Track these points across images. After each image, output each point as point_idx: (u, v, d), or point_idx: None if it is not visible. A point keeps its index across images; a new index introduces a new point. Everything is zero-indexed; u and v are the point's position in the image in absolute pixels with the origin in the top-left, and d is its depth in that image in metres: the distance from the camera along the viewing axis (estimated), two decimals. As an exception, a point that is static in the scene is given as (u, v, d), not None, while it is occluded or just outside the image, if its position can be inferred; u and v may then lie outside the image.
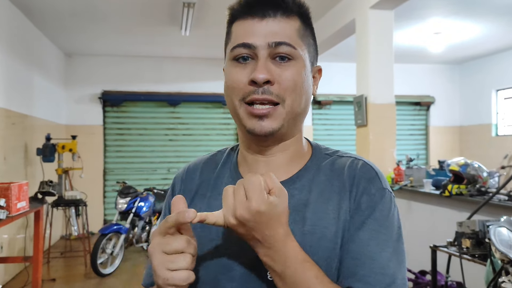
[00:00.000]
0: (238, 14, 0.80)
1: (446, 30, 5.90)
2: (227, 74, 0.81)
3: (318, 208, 0.78)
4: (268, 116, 0.77)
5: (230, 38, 0.81)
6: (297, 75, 0.78)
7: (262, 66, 0.75)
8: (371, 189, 0.78)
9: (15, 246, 4.80)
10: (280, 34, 0.77)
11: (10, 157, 4.65)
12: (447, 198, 3.31)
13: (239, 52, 0.77)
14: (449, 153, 7.87)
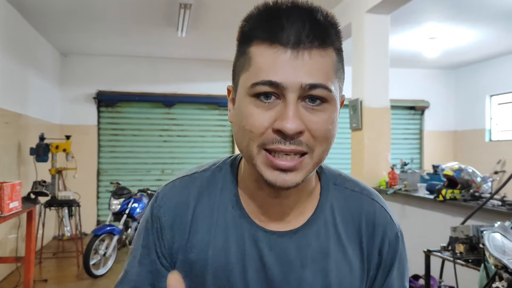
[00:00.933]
0: (260, 34, 0.64)
1: (442, 35, 5.93)
2: (242, 108, 0.66)
3: (339, 258, 0.74)
4: (294, 170, 0.65)
5: (249, 65, 0.65)
6: (330, 122, 0.67)
7: (294, 114, 0.62)
8: (390, 236, 0.78)
9: (7, 246, 4.76)
10: (316, 73, 0.63)
11: (3, 156, 4.61)
12: (441, 202, 3.32)
13: (262, 90, 0.63)
14: (443, 158, 7.91)
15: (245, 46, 0.67)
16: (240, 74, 0.67)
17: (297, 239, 0.73)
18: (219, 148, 7.73)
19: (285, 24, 0.62)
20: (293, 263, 0.72)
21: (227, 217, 0.74)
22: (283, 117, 0.62)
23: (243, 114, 0.66)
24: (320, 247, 0.73)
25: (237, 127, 0.68)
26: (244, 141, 0.67)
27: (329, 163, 0.86)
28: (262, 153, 0.65)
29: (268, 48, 0.63)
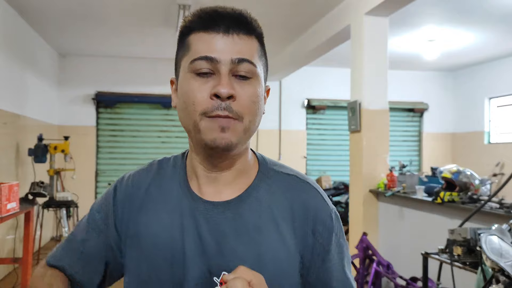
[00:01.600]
0: (197, 26, 0.79)
1: (440, 38, 5.94)
2: (184, 87, 0.78)
3: (272, 234, 0.80)
4: (230, 128, 0.77)
5: (188, 50, 0.79)
6: (255, 94, 0.79)
7: (226, 80, 0.76)
8: (324, 217, 0.84)
9: (4, 247, 4.75)
10: (243, 52, 0.78)
11: (1, 157, 4.61)
12: (439, 205, 3.31)
13: (200, 66, 0.76)
14: (441, 160, 7.91)
15: (184, 38, 0.81)
16: (181, 61, 0.81)
17: (231, 211, 0.81)
18: (217, 150, 7.73)
19: (217, 17, 0.78)
20: (227, 234, 0.80)
21: (173, 195, 0.84)
22: (218, 84, 0.75)
23: (185, 90, 0.78)
24: (253, 221, 0.81)
25: (181, 105, 0.80)
26: (188, 114, 0.78)
27: (327, 164, 0.89)
28: (205, 119, 0.76)
29: (205, 35, 0.77)
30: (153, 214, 0.84)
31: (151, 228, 0.82)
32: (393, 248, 4.07)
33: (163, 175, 0.88)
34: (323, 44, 5.36)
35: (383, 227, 4.25)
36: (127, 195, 0.87)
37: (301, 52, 6.06)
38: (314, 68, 7.60)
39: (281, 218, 0.82)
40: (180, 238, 0.81)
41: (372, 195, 4.27)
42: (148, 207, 0.85)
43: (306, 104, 7.98)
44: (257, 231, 0.80)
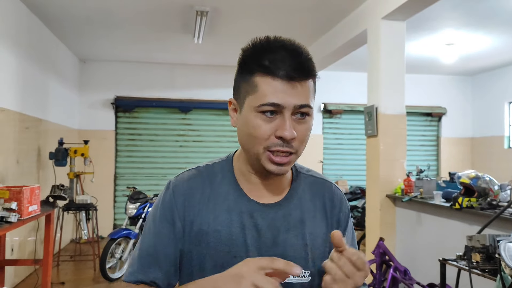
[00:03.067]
0: (265, 70, 0.89)
1: (459, 42, 5.88)
2: (251, 121, 0.91)
3: (312, 225, 1.02)
4: (286, 163, 0.93)
5: (255, 91, 0.90)
6: (309, 128, 0.94)
7: (290, 125, 0.89)
8: (344, 209, 1.09)
9: (26, 248, 4.85)
10: (303, 97, 0.90)
11: (23, 160, 4.71)
12: (457, 211, 3.28)
13: (267, 109, 0.89)
14: (460, 165, 7.81)
15: (248, 74, 0.92)
16: (247, 96, 0.92)
17: (282, 210, 0.99)
18: (234, 154, 7.76)
19: (282, 64, 0.88)
20: (280, 228, 0.97)
21: (229, 197, 0.98)
22: (283, 128, 0.89)
23: (251, 124, 0.91)
24: (298, 216, 1.00)
25: (244, 133, 0.94)
26: (251, 144, 0.92)
27: (344, 168, 0.98)
28: (266, 153, 0.91)
29: (271, 80, 0.88)
30: (212, 213, 0.96)
31: (212, 226, 0.95)
32: (410, 254, 4.04)
33: (214, 179, 1.00)
34: (340, 48, 5.36)
35: (400, 233, 4.22)
36: (186, 198, 0.98)
37: (317, 56, 6.07)
38: (331, 73, 7.59)
39: (317, 212, 1.04)
40: (241, 233, 0.95)
41: (389, 200, 4.25)
42: (207, 208, 0.97)
43: (322, 109, 7.97)
44: (302, 223, 1.00)
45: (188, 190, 0.98)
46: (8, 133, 4.34)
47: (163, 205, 0.99)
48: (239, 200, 0.98)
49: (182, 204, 0.97)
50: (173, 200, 0.98)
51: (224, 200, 0.98)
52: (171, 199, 0.98)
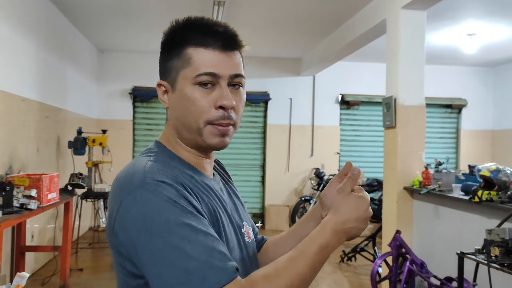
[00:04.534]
0: (195, 41, 0.90)
1: (480, 32, 5.75)
2: (188, 95, 0.90)
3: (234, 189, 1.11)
4: (229, 135, 0.94)
5: (189, 63, 0.89)
6: (244, 100, 0.96)
7: (228, 94, 0.90)
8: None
9: (46, 235, 4.95)
10: (237, 67, 0.92)
11: (43, 149, 4.79)
12: (476, 204, 3.23)
13: (205, 79, 0.89)
14: (480, 158, 7.67)
15: (179, 49, 0.91)
16: (180, 71, 0.91)
17: (219, 183, 1.03)
18: (250, 144, 7.77)
19: (214, 35, 0.90)
20: (229, 195, 1.03)
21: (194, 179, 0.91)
22: (222, 97, 0.89)
23: (190, 99, 0.90)
24: (226, 185, 1.06)
25: (183, 110, 0.91)
26: (191, 120, 0.90)
27: (361, 160, 0.95)
28: (208, 127, 0.91)
29: (206, 50, 0.89)
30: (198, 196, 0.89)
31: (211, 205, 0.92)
32: (427, 247, 4.00)
33: (172, 168, 0.88)
34: (358, 38, 5.29)
35: (417, 226, 4.17)
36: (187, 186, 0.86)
37: (335, 47, 6.01)
38: (349, 63, 7.51)
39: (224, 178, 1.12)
40: (223, 205, 0.96)
41: (407, 193, 4.20)
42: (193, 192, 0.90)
43: (340, 100, 7.90)
44: (232, 189, 1.09)
45: (175, 178, 0.85)
46: (28, 122, 4.41)
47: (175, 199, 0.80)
48: (202, 179, 0.94)
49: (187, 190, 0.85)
50: (180, 188, 0.83)
51: (195, 182, 0.91)
52: (180, 186, 0.83)
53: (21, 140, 4.21)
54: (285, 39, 6.42)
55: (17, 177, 3.42)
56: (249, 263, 0.97)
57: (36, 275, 4.53)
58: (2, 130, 3.82)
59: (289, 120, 7.77)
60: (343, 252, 5.40)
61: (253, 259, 1.01)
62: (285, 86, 7.75)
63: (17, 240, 4.06)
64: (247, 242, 1.00)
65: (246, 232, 1.01)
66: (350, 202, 0.88)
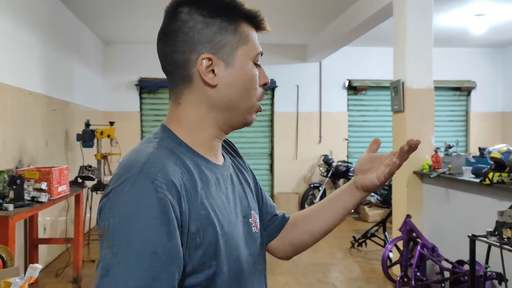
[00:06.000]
0: (252, 22, 0.91)
1: (489, 12, 5.65)
2: (252, 74, 0.90)
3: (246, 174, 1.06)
4: None
5: (246, 40, 0.89)
6: None
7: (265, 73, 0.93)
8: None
9: (57, 228, 5.00)
10: None
11: (51, 142, 4.82)
12: (487, 186, 3.20)
13: (259, 59, 0.91)
14: (490, 140, 7.58)
15: (232, 24, 0.87)
16: (237, 47, 0.88)
17: (229, 168, 0.97)
18: (258, 133, 7.76)
19: (256, 14, 0.90)
20: (237, 182, 0.97)
21: (200, 168, 0.86)
22: (265, 75, 0.92)
23: (251, 76, 0.89)
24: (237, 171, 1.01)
25: (239, 88, 0.88)
26: (246, 98, 0.89)
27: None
28: (257, 104, 0.92)
29: (253, 30, 0.91)
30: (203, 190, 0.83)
31: (212, 203, 0.83)
32: (438, 231, 3.98)
33: (178, 157, 0.83)
34: (364, 22, 5.23)
35: (427, 209, 4.15)
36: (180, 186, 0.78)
37: (341, 32, 5.94)
38: (355, 48, 7.43)
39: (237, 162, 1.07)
40: (228, 198, 0.90)
41: (416, 177, 4.17)
42: (197, 187, 0.82)
43: (347, 85, 7.84)
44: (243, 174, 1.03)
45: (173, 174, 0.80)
46: (36, 115, 4.43)
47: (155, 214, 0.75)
48: (212, 169, 0.88)
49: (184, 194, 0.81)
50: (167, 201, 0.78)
51: (201, 172, 0.86)
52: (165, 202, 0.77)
53: (30, 134, 4.24)
54: (290, 25, 6.36)
55: (27, 171, 3.45)
56: (256, 253, 0.95)
57: (49, 267, 4.59)
58: (11, 125, 3.84)
59: (296, 107, 7.74)
60: (353, 238, 5.39)
61: (260, 249, 0.98)
62: (292, 73, 7.70)
63: (29, 233, 4.11)
64: (254, 232, 0.96)
65: (254, 221, 0.97)
66: None
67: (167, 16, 0.88)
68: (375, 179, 0.96)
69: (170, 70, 0.89)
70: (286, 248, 1.09)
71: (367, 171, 0.98)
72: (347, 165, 7.32)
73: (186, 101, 0.88)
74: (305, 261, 4.78)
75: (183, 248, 0.76)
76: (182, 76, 0.87)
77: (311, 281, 4.25)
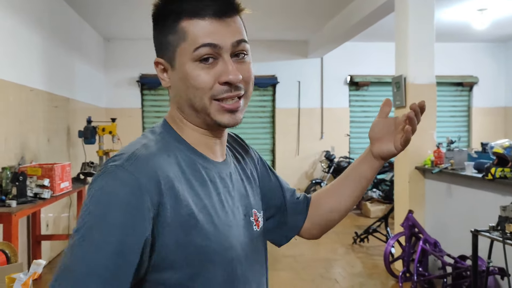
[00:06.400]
0: (190, 12, 0.81)
1: (491, 6, 5.62)
2: (191, 74, 0.82)
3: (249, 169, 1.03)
4: (239, 109, 0.85)
5: (184, 37, 0.81)
6: (251, 68, 0.87)
7: (233, 67, 0.82)
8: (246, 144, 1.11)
9: (60, 224, 5.02)
10: (238, 32, 0.84)
11: (53, 139, 4.83)
12: (490, 181, 3.20)
13: (204, 52, 0.80)
14: (492, 135, 7.57)
15: (172, 23, 0.83)
16: (177, 47, 0.83)
17: (230, 166, 0.94)
18: (259, 129, 7.75)
19: (207, 2, 0.81)
20: (238, 180, 0.94)
21: (195, 167, 0.85)
22: (226, 72, 0.81)
23: (190, 76, 0.82)
24: (240, 166, 0.99)
25: (185, 88, 0.83)
26: (196, 97, 0.83)
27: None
28: (214, 103, 0.83)
29: (200, 21, 0.81)
30: (189, 189, 0.81)
31: (197, 202, 0.81)
32: (441, 226, 3.98)
33: (170, 153, 0.82)
34: (366, 18, 5.21)
35: (429, 205, 4.15)
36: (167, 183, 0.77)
37: (342, 27, 5.92)
38: (357, 44, 7.41)
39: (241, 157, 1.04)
40: (220, 199, 0.86)
41: (418, 172, 4.17)
42: (181, 186, 0.79)
43: (348, 81, 7.83)
44: (245, 171, 1.00)
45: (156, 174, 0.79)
46: (38, 112, 4.43)
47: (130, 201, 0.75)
48: (205, 166, 0.86)
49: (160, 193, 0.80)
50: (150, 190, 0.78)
51: (192, 170, 0.84)
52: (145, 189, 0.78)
53: (32, 130, 4.24)
54: (291, 21, 6.35)
55: (30, 167, 3.46)
56: (256, 253, 0.92)
57: (52, 263, 4.60)
58: (13, 121, 3.85)
59: (297, 103, 7.73)
60: (355, 234, 5.40)
61: (259, 249, 0.95)
62: (293, 69, 7.69)
63: (32, 229, 4.12)
64: (255, 230, 0.93)
65: (255, 220, 0.94)
66: None
67: None
68: (392, 147, 0.96)
69: None
70: (313, 229, 1.08)
71: (383, 139, 0.98)
72: (349, 161, 7.31)
73: (171, 100, 0.91)
74: (307, 257, 4.79)
75: (160, 241, 0.75)
76: None
77: (313, 277, 4.26)
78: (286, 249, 4.48)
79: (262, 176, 1.06)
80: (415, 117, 0.92)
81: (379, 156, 0.99)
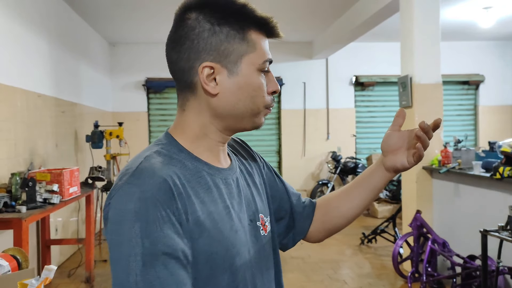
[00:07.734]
0: (258, 27, 0.87)
1: (497, 4, 5.60)
2: (257, 82, 0.87)
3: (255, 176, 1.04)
4: None
5: (254, 48, 0.86)
6: None
7: (275, 80, 0.91)
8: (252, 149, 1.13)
9: (69, 228, 5.05)
10: None
11: (61, 144, 4.86)
12: (498, 181, 3.18)
13: (266, 66, 0.88)
14: (500, 134, 7.53)
15: (240, 31, 0.85)
16: (243, 55, 0.86)
17: (236, 171, 0.95)
18: (265, 131, 7.76)
19: (273, 29, 0.89)
20: (244, 185, 0.95)
21: (200, 173, 0.85)
22: (274, 83, 0.90)
23: (256, 85, 0.87)
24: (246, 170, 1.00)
25: (245, 94, 0.86)
26: (253, 105, 0.87)
27: (378, 142, 0.94)
28: (265, 110, 0.90)
29: (265, 39, 0.89)
30: (197, 197, 0.82)
31: (205, 210, 0.81)
32: (449, 226, 3.96)
33: (175, 163, 0.83)
34: (371, 18, 5.20)
35: (437, 205, 4.14)
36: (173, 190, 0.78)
37: (347, 28, 5.92)
38: (362, 44, 7.41)
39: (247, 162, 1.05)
40: (226, 204, 0.86)
41: (426, 172, 4.16)
42: (189, 194, 0.81)
43: (354, 81, 7.81)
44: (251, 176, 1.00)
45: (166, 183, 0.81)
46: (46, 117, 4.46)
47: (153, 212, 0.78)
48: (210, 173, 0.87)
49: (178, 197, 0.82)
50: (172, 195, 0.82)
51: (198, 178, 0.85)
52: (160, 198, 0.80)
53: (40, 136, 4.27)
54: (296, 22, 6.35)
55: (39, 173, 3.48)
56: (264, 257, 0.93)
57: (62, 267, 4.63)
58: (21, 127, 3.88)
59: (303, 104, 7.73)
60: (363, 235, 5.38)
61: (268, 253, 0.95)
62: (298, 70, 7.69)
63: (42, 234, 4.15)
64: (263, 235, 0.93)
65: (262, 224, 0.94)
66: None
67: (175, 22, 0.87)
68: (405, 161, 0.98)
69: (177, 76, 0.89)
70: (319, 233, 1.10)
71: (396, 152, 0.99)
72: (355, 161, 7.30)
73: (191, 108, 0.89)
74: (315, 258, 4.79)
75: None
76: (187, 83, 0.87)
77: (322, 278, 4.25)
78: (294, 251, 4.48)
79: (269, 181, 1.07)
80: (426, 134, 0.93)
81: (391, 169, 1.00)
